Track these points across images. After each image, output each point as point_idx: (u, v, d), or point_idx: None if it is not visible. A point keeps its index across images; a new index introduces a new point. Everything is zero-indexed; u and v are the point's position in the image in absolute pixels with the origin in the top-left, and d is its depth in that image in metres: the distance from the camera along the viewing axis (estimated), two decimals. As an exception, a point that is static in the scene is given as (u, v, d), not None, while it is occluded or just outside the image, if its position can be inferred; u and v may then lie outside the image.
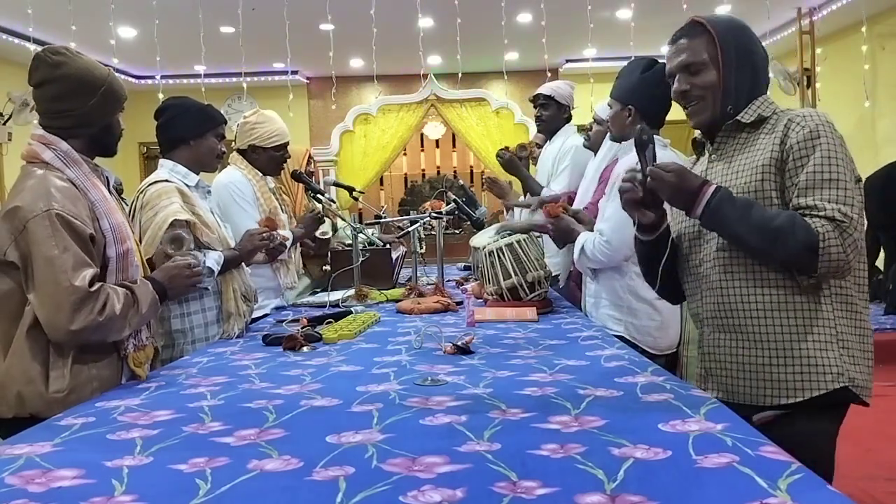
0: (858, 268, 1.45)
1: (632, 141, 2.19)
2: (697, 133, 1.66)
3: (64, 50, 1.65)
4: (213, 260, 2.11)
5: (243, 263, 2.30)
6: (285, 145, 2.75)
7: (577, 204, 2.60)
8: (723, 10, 6.45)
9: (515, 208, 3.40)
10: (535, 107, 3.41)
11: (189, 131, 2.23)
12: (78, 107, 1.64)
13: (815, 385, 1.41)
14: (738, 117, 1.53)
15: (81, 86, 1.63)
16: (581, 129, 3.27)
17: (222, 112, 2.36)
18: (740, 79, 1.53)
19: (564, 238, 2.33)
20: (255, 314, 2.47)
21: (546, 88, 3.35)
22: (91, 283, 1.53)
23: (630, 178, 1.51)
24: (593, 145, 2.82)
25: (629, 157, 2.00)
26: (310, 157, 3.15)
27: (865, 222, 1.47)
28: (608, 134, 2.44)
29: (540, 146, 3.78)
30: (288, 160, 3.01)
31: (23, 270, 1.54)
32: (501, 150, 3.37)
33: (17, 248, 1.53)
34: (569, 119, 3.39)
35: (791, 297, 1.43)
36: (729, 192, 1.43)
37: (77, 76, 1.63)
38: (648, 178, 1.46)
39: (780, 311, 1.44)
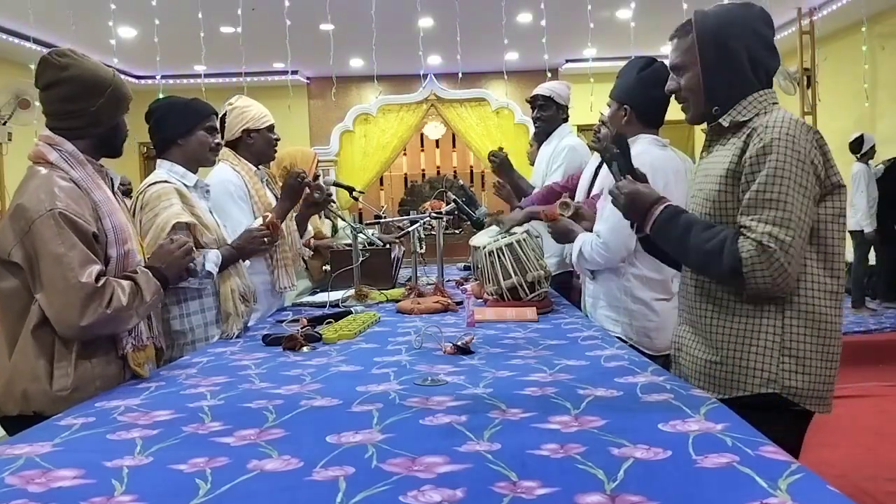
0: (826, 276, 1.44)
1: (631, 139, 2.21)
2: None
3: (69, 52, 1.67)
4: (212, 262, 2.11)
5: (242, 262, 2.29)
6: (274, 126, 2.73)
7: (578, 197, 2.60)
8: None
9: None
10: (532, 108, 3.39)
11: (176, 131, 2.21)
12: (87, 107, 1.66)
13: (741, 386, 1.48)
14: (719, 120, 1.53)
15: (89, 86, 1.65)
16: (581, 129, 3.26)
17: (221, 112, 2.33)
18: (720, 80, 1.51)
19: (563, 239, 2.35)
20: (251, 321, 2.43)
21: (544, 89, 3.33)
22: (97, 279, 1.56)
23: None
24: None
25: None
26: (318, 162, 3.15)
27: (845, 234, 1.48)
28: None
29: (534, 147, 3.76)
30: (297, 158, 3.01)
31: (28, 271, 1.56)
32: (496, 150, 3.36)
33: (22, 248, 1.55)
34: (566, 119, 3.38)
35: (737, 304, 1.49)
36: (675, 212, 1.52)
37: (84, 77, 1.65)
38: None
39: (726, 315, 1.50)
